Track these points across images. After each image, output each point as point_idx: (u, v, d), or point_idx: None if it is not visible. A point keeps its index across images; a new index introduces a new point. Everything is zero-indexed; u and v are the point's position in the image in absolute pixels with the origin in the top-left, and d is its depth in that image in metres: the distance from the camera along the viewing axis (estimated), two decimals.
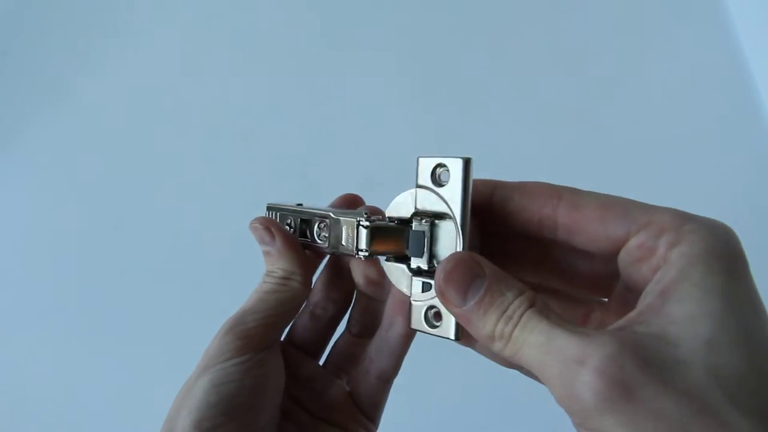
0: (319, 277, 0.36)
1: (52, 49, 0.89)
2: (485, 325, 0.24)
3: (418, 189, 0.28)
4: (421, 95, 0.83)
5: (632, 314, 0.22)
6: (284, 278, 0.32)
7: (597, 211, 0.25)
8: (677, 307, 0.21)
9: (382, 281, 0.32)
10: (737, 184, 0.74)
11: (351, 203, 0.35)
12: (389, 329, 0.33)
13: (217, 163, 0.81)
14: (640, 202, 0.25)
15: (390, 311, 0.33)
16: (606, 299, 0.28)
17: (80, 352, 0.72)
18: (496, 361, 0.28)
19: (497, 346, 0.24)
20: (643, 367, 0.20)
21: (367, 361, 0.34)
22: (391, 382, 0.35)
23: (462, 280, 0.25)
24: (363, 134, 0.81)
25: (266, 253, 0.33)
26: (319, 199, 0.34)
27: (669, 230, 0.23)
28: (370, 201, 0.34)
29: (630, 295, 0.25)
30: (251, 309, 0.31)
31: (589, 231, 0.25)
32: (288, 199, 0.37)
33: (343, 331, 0.36)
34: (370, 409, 0.35)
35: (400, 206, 0.30)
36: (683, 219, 0.23)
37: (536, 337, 0.22)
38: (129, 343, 0.70)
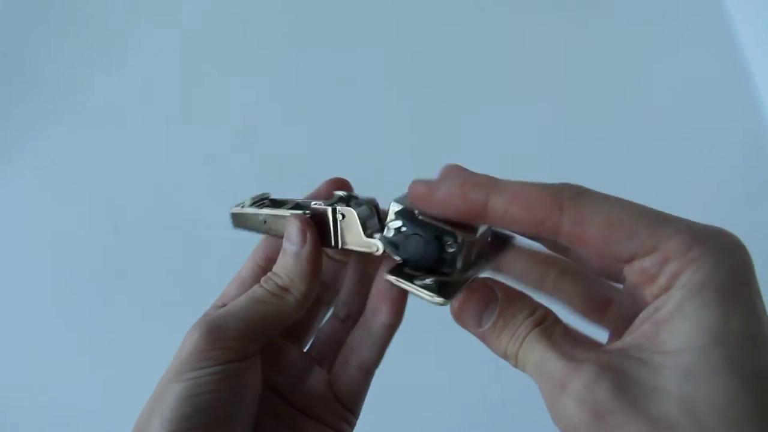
0: None
1: (52, 49, 0.89)
2: (499, 345, 0.26)
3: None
4: (422, 95, 0.83)
5: (627, 339, 0.23)
6: (283, 289, 0.30)
7: (600, 230, 0.24)
8: (667, 339, 0.22)
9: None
10: (737, 184, 0.74)
11: (340, 187, 0.34)
12: (373, 317, 0.32)
13: (216, 163, 0.81)
14: (650, 217, 0.23)
15: (375, 298, 0.32)
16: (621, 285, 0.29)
17: (80, 352, 0.72)
18: None
19: (511, 363, 0.26)
20: (618, 394, 0.21)
21: (347, 350, 0.33)
22: (372, 374, 0.34)
23: (476, 307, 0.26)
24: (363, 134, 0.81)
25: (285, 252, 0.31)
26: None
27: (673, 259, 0.22)
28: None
29: (638, 298, 0.25)
30: (236, 314, 0.29)
31: (592, 247, 0.24)
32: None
33: (329, 317, 0.35)
34: (350, 400, 0.33)
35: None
36: (690, 244, 0.22)
37: (533, 358, 0.24)
38: (129, 344, 0.70)
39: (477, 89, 0.82)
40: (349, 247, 0.30)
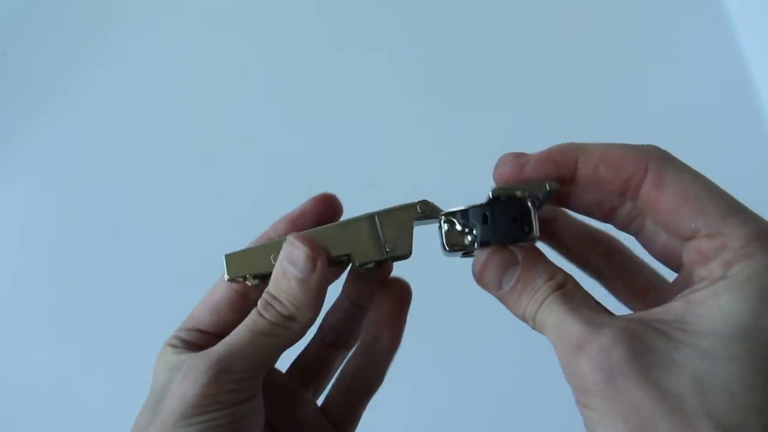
0: None
1: (52, 49, 0.89)
2: (518, 307, 0.26)
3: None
4: (422, 95, 0.83)
5: (654, 310, 0.24)
6: (288, 317, 0.28)
7: (675, 199, 0.24)
8: (693, 319, 0.22)
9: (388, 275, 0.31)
10: (737, 184, 0.74)
11: (328, 203, 0.32)
12: (375, 343, 0.32)
13: (217, 163, 0.81)
14: (725, 201, 0.24)
15: (376, 325, 0.32)
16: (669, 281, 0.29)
17: (80, 352, 0.72)
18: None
19: (529, 324, 0.26)
20: (632, 359, 0.22)
21: (347, 377, 0.33)
22: (372, 396, 0.33)
23: (496, 270, 0.27)
24: (363, 134, 0.81)
25: (287, 276, 0.28)
26: None
27: (730, 248, 0.23)
28: (370, 201, 0.33)
29: (688, 279, 0.25)
30: (240, 353, 0.27)
31: (662, 214, 0.25)
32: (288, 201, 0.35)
33: (313, 339, 0.34)
34: (348, 424, 0.33)
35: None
36: (751, 239, 0.23)
37: (552, 320, 0.24)
38: (129, 344, 0.70)
39: (477, 92, 0.82)
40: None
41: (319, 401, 0.34)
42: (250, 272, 0.30)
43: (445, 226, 0.28)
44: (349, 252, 0.29)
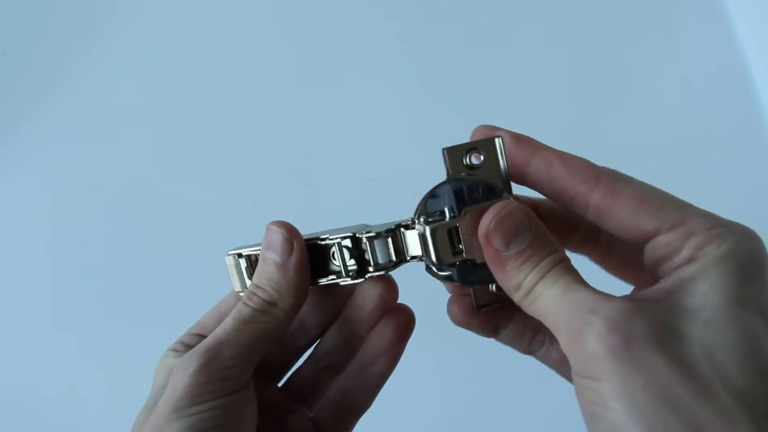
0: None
1: (51, 49, 0.89)
2: (517, 274, 0.26)
3: (450, 181, 0.27)
4: (422, 95, 0.83)
5: (646, 292, 0.24)
6: (270, 303, 0.29)
7: (632, 201, 0.25)
8: (687, 297, 0.23)
9: (395, 293, 0.31)
10: (737, 184, 0.74)
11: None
12: (369, 367, 0.32)
13: (216, 162, 0.81)
14: (676, 199, 0.25)
15: (372, 351, 0.32)
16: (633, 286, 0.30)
17: (80, 352, 0.72)
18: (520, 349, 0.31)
19: (518, 295, 0.26)
20: (648, 327, 0.22)
21: (338, 395, 0.32)
22: (361, 416, 0.33)
23: (510, 229, 0.26)
24: (363, 134, 0.81)
25: (266, 261, 0.29)
26: (319, 199, 0.34)
27: (698, 233, 0.24)
28: (370, 201, 0.33)
29: (658, 277, 0.26)
30: (227, 341, 0.28)
31: (620, 218, 0.25)
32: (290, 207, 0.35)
33: (308, 361, 0.34)
34: None
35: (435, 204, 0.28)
36: (713, 224, 0.24)
37: (555, 289, 0.24)
38: (129, 344, 0.70)
39: (477, 92, 0.82)
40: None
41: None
42: (243, 251, 0.31)
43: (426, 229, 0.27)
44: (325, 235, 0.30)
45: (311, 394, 0.33)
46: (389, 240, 0.29)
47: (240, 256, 0.31)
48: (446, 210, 0.27)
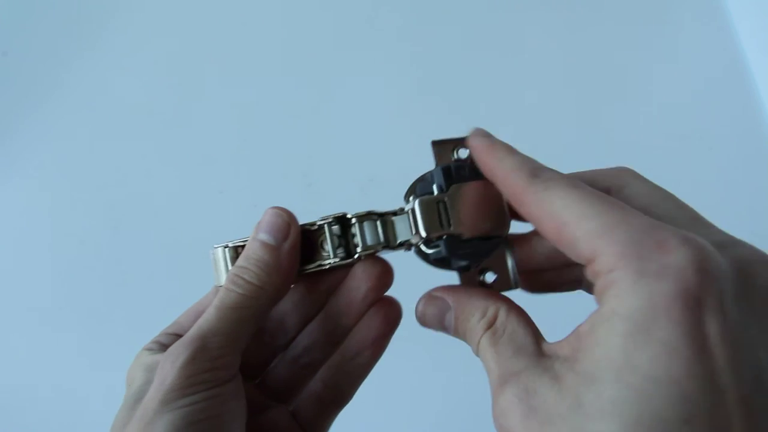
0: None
1: (51, 49, 0.89)
2: (467, 342, 0.26)
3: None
4: (422, 95, 0.83)
5: (564, 342, 0.23)
6: (256, 286, 0.28)
7: (551, 233, 0.23)
8: (582, 357, 0.21)
9: (391, 276, 0.31)
10: (737, 184, 0.74)
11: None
12: (353, 359, 0.31)
13: (215, 162, 0.81)
14: (597, 222, 0.21)
15: (359, 341, 0.31)
16: None
17: (80, 352, 0.72)
18: None
19: None
20: (524, 419, 0.21)
21: (320, 386, 0.32)
22: (343, 407, 0.32)
23: (435, 317, 0.28)
24: (363, 134, 0.81)
25: (259, 243, 0.28)
26: (319, 199, 0.34)
27: (602, 275, 0.21)
28: (370, 201, 0.33)
29: None
30: (213, 330, 0.27)
31: (550, 241, 0.24)
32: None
33: (284, 358, 0.33)
34: (318, 430, 0.32)
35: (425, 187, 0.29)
36: (615, 262, 0.20)
37: (485, 362, 0.25)
38: (129, 344, 0.70)
39: (477, 92, 0.82)
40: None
41: None
42: (230, 244, 0.31)
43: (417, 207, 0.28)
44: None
45: (289, 391, 0.33)
46: (377, 222, 0.29)
47: (226, 247, 0.31)
48: (434, 188, 0.28)
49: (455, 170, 0.28)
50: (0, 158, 0.83)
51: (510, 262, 0.29)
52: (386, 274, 0.30)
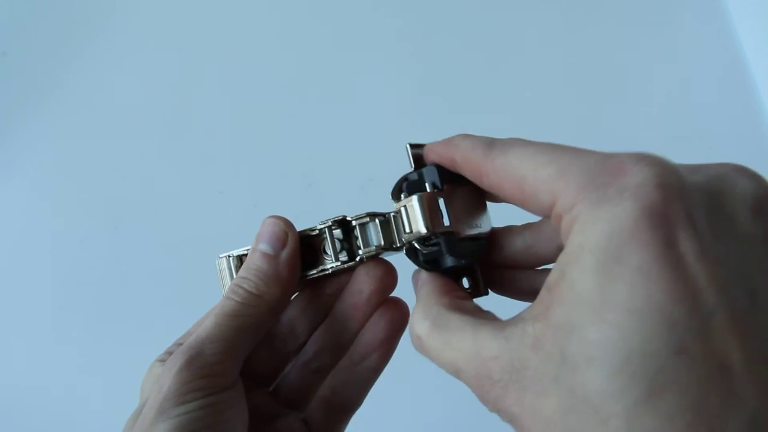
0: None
1: (51, 49, 0.89)
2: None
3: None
4: (422, 95, 0.83)
5: (536, 302, 0.21)
6: (255, 295, 0.28)
7: (514, 187, 0.22)
8: (557, 310, 0.19)
9: (394, 277, 0.30)
10: None
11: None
12: (362, 363, 0.31)
13: (216, 162, 0.81)
14: (553, 167, 0.21)
15: (366, 346, 0.31)
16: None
17: (80, 352, 0.72)
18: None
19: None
20: (519, 396, 0.20)
21: (329, 392, 0.31)
22: (354, 413, 0.32)
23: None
24: (363, 134, 0.81)
25: (258, 253, 0.28)
26: (319, 199, 0.34)
27: (564, 215, 0.20)
28: (370, 201, 0.33)
29: None
30: (210, 337, 0.27)
31: (514, 203, 0.23)
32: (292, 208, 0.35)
33: (295, 364, 0.32)
34: None
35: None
36: (575, 194, 0.19)
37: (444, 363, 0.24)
38: (129, 344, 0.70)
39: (477, 92, 0.82)
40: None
41: None
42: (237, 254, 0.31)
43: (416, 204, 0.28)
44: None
45: (301, 397, 0.32)
46: (378, 223, 0.29)
47: (230, 257, 0.31)
48: (427, 185, 0.27)
49: (447, 171, 0.27)
50: (0, 158, 0.83)
51: (477, 269, 0.28)
52: (389, 276, 0.30)
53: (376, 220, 0.29)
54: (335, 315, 0.31)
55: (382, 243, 0.29)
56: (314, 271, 0.30)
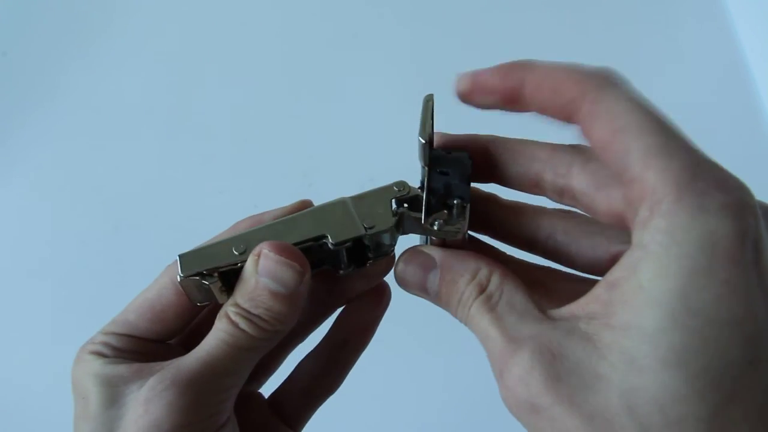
0: None
1: (51, 49, 0.89)
2: (451, 310, 0.24)
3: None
4: (422, 95, 0.83)
5: (583, 301, 0.21)
6: (273, 332, 0.25)
7: (606, 135, 0.20)
8: (618, 309, 0.19)
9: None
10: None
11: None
12: (343, 347, 0.30)
13: (216, 162, 0.81)
14: (657, 138, 0.19)
15: (348, 329, 0.30)
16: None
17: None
18: None
19: (461, 321, 0.24)
20: (552, 385, 0.19)
21: (307, 377, 0.30)
22: (329, 397, 0.31)
23: (417, 275, 0.25)
24: (363, 134, 0.81)
25: (273, 294, 0.24)
26: (319, 199, 0.33)
27: (649, 202, 0.19)
28: None
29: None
30: (221, 370, 0.23)
31: (599, 152, 0.21)
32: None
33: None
34: (299, 422, 0.30)
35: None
36: (671, 187, 0.18)
37: (480, 331, 0.23)
38: None
39: None
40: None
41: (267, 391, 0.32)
42: (209, 266, 0.26)
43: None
44: (322, 233, 0.26)
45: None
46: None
47: (207, 275, 0.25)
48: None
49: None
50: (0, 158, 0.83)
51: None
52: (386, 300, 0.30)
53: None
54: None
55: (393, 244, 0.28)
56: (316, 270, 0.28)
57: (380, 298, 0.29)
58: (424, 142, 0.26)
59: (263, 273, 0.24)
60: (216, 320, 0.25)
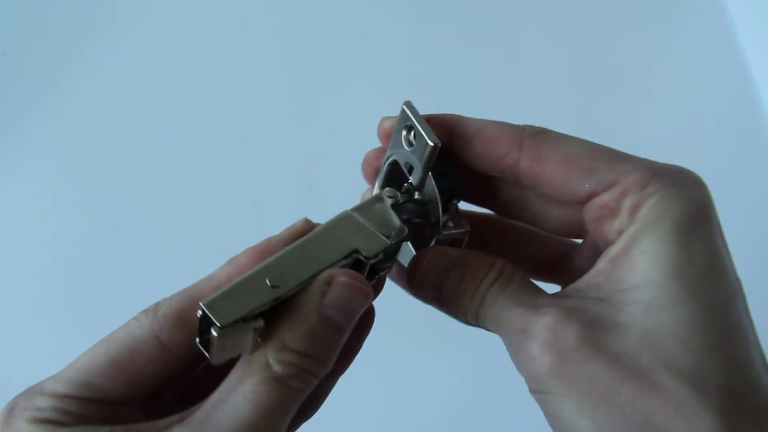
0: None
1: (51, 49, 0.89)
2: (459, 306, 0.25)
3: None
4: (422, 95, 0.83)
5: (586, 277, 0.24)
6: (317, 378, 0.22)
7: (560, 167, 0.24)
8: (625, 276, 0.22)
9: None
10: (736, 184, 0.74)
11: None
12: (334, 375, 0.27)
13: (216, 163, 0.81)
14: (609, 154, 0.24)
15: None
16: (579, 240, 0.28)
17: (77, 353, 0.72)
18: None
19: (465, 318, 0.25)
20: (579, 332, 0.21)
21: None
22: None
23: (437, 275, 0.25)
24: (363, 134, 0.80)
25: (337, 327, 0.22)
26: (319, 200, 0.33)
27: (632, 192, 0.23)
28: None
29: (600, 240, 0.25)
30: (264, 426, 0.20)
31: (551, 185, 0.24)
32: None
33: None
34: None
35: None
36: (648, 179, 0.23)
37: (494, 312, 0.24)
38: None
39: (477, 91, 0.82)
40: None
41: None
42: (250, 308, 0.21)
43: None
44: (354, 248, 0.24)
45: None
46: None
47: (251, 319, 0.20)
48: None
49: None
50: (0, 158, 0.83)
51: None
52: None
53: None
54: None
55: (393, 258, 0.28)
56: None
57: (367, 319, 0.27)
58: (440, 145, 0.25)
59: (333, 304, 0.22)
60: (241, 374, 0.21)
